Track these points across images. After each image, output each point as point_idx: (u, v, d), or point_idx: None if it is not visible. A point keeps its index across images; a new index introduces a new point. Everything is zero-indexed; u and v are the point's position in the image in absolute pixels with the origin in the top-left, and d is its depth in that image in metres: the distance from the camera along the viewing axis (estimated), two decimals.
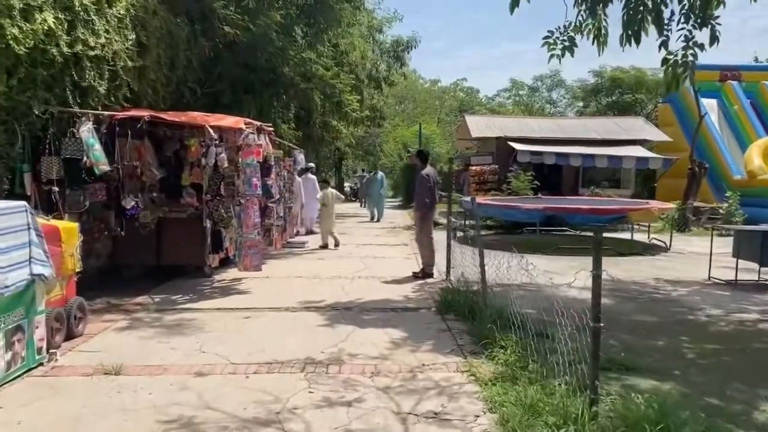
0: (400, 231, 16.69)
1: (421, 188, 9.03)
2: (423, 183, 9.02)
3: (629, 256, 12.21)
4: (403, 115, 45.44)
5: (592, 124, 23.20)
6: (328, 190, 12.82)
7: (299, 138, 17.10)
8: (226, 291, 7.92)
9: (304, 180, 16.82)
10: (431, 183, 8.98)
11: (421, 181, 9.05)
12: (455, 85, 59.59)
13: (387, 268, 9.90)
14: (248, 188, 7.73)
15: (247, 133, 7.77)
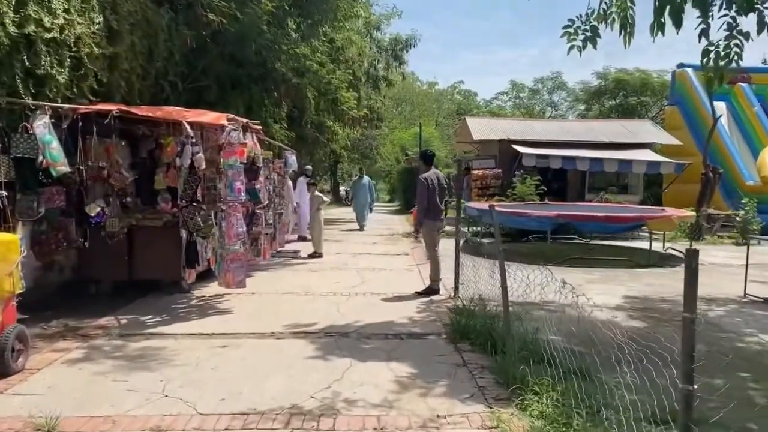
0: (399, 239, 15.73)
1: (418, 194, 8.14)
2: (419, 188, 8.11)
3: (648, 268, 11.29)
4: (401, 117, 44.51)
5: (598, 127, 22.33)
6: (314, 194, 11.99)
7: (291, 139, 16.12)
8: (205, 311, 6.94)
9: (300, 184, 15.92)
10: (429, 186, 8.04)
11: (420, 185, 8.13)
12: (452, 87, 58.94)
13: (387, 282, 8.95)
14: (231, 193, 6.77)
15: (230, 130, 6.80)
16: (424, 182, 8.05)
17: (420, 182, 8.10)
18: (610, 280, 9.78)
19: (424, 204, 8.02)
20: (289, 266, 10.57)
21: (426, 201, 8.02)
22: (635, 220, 11.38)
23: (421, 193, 8.04)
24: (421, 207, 8.05)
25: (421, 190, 8.04)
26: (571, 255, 12.00)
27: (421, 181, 8.08)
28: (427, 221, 8.11)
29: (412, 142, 30.40)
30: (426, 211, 8.04)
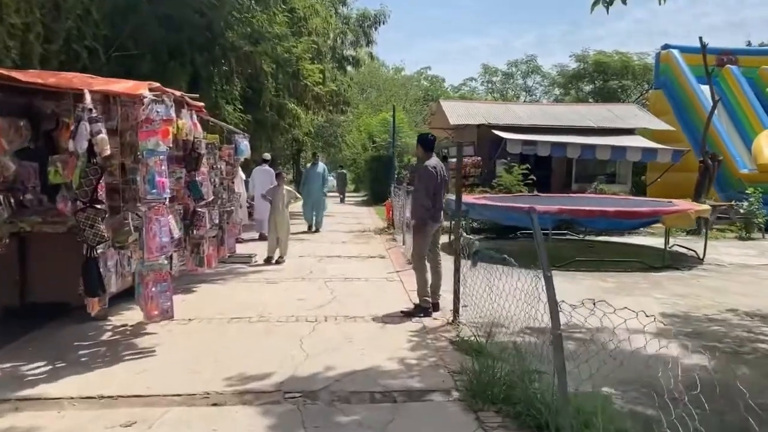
0: (372, 236, 13.95)
1: (420, 187, 6.43)
2: (424, 179, 6.41)
3: (664, 271, 9.81)
4: (366, 103, 42.55)
5: (585, 111, 20.91)
6: (282, 187, 10.11)
7: (247, 123, 14.18)
8: (118, 351, 5.07)
9: (259, 173, 13.90)
10: (438, 180, 6.36)
11: (421, 177, 6.44)
12: (419, 73, 57.15)
13: (364, 298, 7.19)
14: (151, 189, 4.91)
15: (149, 101, 4.92)
16: (431, 173, 6.35)
17: (424, 173, 6.41)
18: (630, 289, 8.23)
19: (429, 202, 6.31)
20: (241, 275, 8.70)
21: (432, 197, 6.33)
22: (650, 215, 9.86)
23: (427, 186, 6.35)
24: (422, 204, 6.34)
25: (427, 184, 6.37)
26: (575, 256, 10.43)
27: (428, 171, 6.37)
28: (430, 223, 6.40)
29: (381, 129, 28.57)
30: (430, 210, 6.35)
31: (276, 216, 9.76)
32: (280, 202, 9.82)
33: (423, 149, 6.55)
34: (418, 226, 6.42)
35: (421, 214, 6.33)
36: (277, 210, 9.80)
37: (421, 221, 6.34)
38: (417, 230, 6.42)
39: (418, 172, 6.52)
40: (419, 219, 6.37)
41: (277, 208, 9.78)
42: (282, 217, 9.81)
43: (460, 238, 5.91)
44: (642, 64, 28.19)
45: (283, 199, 9.86)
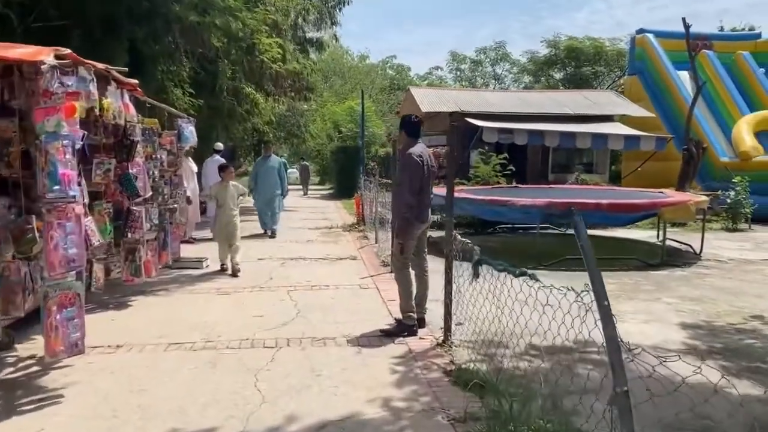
0: (340, 234, 12.83)
1: (404, 180, 5.29)
2: (408, 171, 5.29)
3: (663, 269, 8.96)
4: (331, 91, 41.18)
5: (561, 98, 20.12)
6: (229, 183, 8.42)
7: (199, 109, 12.88)
8: (11, 399, 3.88)
9: (211, 165, 12.68)
10: (425, 172, 5.31)
11: (406, 168, 5.32)
12: (384, 62, 55.95)
13: (334, 312, 6.09)
14: (52, 185, 3.72)
15: (48, 68, 3.73)
16: (417, 162, 5.22)
17: (409, 163, 5.25)
18: (634, 292, 7.33)
19: (414, 198, 5.21)
20: (187, 285, 7.50)
21: (418, 192, 5.24)
22: (648, 208, 8.99)
23: (412, 179, 5.21)
24: (407, 202, 5.22)
25: (412, 176, 5.22)
26: (563, 253, 9.51)
27: (413, 160, 5.23)
28: (416, 223, 5.34)
29: (347, 118, 27.36)
30: (415, 208, 5.26)
31: (223, 217, 8.25)
32: (230, 200, 8.24)
33: (406, 134, 5.45)
34: (401, 228, 5.30)
35: (405, 213, 5.24)
36: (225, 210, 8.18)
37: (405, 221, 5.24)
38: (400, 232, 5.32)
39: (401, 163, 5.43)
40: (403, 219, 5.25)
41: (226, 207, 8.18)
42: (231, 217, 8.26)
43: (454, 241, 4.86)
44: (615, 50, 27.58)
45: (233, 197, 8.31)
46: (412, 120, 5.51)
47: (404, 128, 5.50)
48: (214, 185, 8.59)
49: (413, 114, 5.95)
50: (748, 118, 19.03)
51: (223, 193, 8.25)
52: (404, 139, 5.46)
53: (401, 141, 5.55)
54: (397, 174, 5.59)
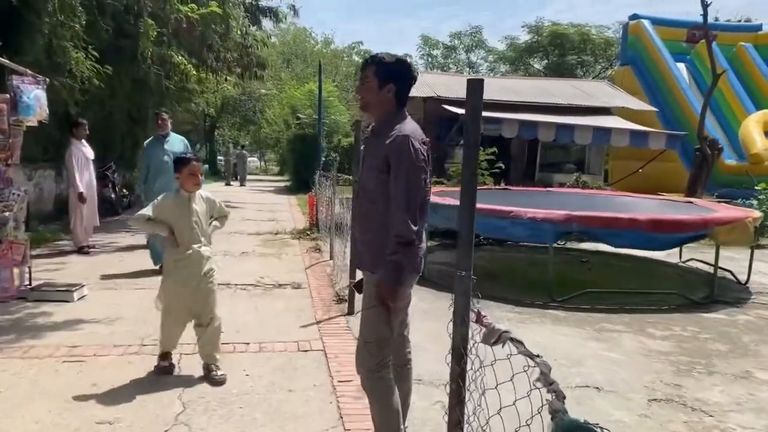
0: (287, 242, 10.26)
1: (396, 188, 2.66)
2: (403, 169, 2.64)
3: (715, 309, 6.74)
4: (292, 75, 38.33)
5: (550, 87, 17.89)
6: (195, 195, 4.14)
7: (110, 78, 10.17)
8: None
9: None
10: (428, 174, 2.76)
11: (398, 163, 2.65)
12: (350, 48, 53.24)
13: (247, 416, 3.58)
14: None
15: None
16: (417, 154, 2.66)
17: (405, 154, 2.64)
18: (708, 359, 5.03)
19: (413, 224, 2.64)
20: (27, 338, 4.88)
21: (418, 211, 2.69)
22: (697, 227, 6.71)
23: (410, 187, 2.63)
24: (400, 233, 2.64)
25: (411, 180, 2.64)
26: (581, 281, 7.23)
27: (412, 149, 2.65)
28: (413, 275, 2.80)
29: (306, 103, 24.68)
30: (414, 244, 2.71)
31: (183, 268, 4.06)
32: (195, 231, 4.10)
33: (396, 99, 2.81)
34: (389, 283, 2.68)
35: (396, 254, 2.64)
36: (186, 250, 4.03)
37: (396, 271, 2.66)
38: (386, 291, 2.70)
39: (379, 154, 2.74)
40: (393, 266, 2.66)
41: (188, 245, 4.03)
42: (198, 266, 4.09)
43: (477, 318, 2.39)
44: (603, 39, 25.52)
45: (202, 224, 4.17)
46: (401, 65, 2.81)
47: (385, 79, 2.77)
48: (162, 200, 4.06)
49: (405, 55, 3.05)
50: (757, 116, 17.17)
51: (183, 217, 4.02)
52: (383, 108, 2.83)
53: (377, 109, 2.85)
54: (361, 175, 2.96)
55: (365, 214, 2.88)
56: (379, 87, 2.79)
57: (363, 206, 2.89)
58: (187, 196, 4.05)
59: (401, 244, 2.64)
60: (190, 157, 4.08)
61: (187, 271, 4.01)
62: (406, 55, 3.95)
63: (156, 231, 4.17)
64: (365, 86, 2.82)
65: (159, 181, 7.43)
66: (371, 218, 2.83)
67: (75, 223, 8.56)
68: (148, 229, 4.37)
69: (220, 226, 4.37)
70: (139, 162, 7.74)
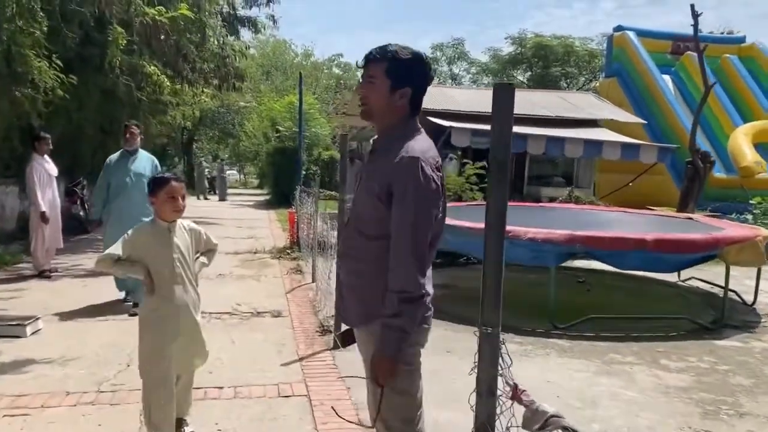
0: (267, 263, 9.69)
1: (401, 223, 2.08)
2: (412, 200, 2.06)
3: (727, 335, 6.33)
4: (271, 87, 37.75)
5: (536, 99, 17.55)
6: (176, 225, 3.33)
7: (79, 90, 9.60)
8: None
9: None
10: (443, 204, 2.23)
11: (403, 193, 2.07)
12: (330, 60, 52.89)
13: None
14: None
15: None
16: (433, 184, 2.11)
17: (416, 181, 2.06)
18: (733, 397, 4.57)
19: (422, 269, 2.10)
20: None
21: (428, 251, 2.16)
22: (708, 246, 6.30)
23: (420, 222, 2.07)
24: (405, 282, 2.06)
25: (422, 213, 2.08)
26: (581, 305, 6.78)
27: (426, 177, 2.08)
28: (424, 333, 2.24)
29: (286, 115, 24.14)
30: (423, 291, 2.10)
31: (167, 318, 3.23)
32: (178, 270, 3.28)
33: (410, 106, 2.24)
34: (387, 366, 2.09)
35: (403, 310, 2.04)
36: (166, 294, 3.22)
37: (401, 330, 2.06)
38: (383, 376, 2.11)
39: (397, 181, 2.10)
40: (393, 343, 2.06)
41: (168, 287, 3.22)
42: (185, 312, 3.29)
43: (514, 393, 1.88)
44: (587, 51, 25.37)
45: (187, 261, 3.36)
46: (421, 62, 2.22)
47: (400, 80, 2.19)
48: (135, 234, 3.25)
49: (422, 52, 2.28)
50: (746, 128, 17.01)
51: (161, 254, 3.24)
52: (392, 117, 2.24)
53: (384, 118, 2.26)
54: (355, 199, 2.37)
55: (355, 251, 2.30)
56: (390, 90, 2.19)
57: (353, 240, 2.31)
58: (165, 227, 3.24)
59: (405, 301, 2.05)
60: (169, 177, 3.27)
61: (170, 322, 3.18)
62: None
63: (129, 274, 3.36)
64: (371, 88, 2.22)
65: (115, 204, 6.43)
66: (363, 258, 2.26)
67: (36, 245, 7.92)
68: (119, 272, 3.49)
69: (208, 263, 3.53)
70: (99, 180, 6.72)
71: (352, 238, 2.33)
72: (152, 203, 3.25)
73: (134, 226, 3.34)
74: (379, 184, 2.14)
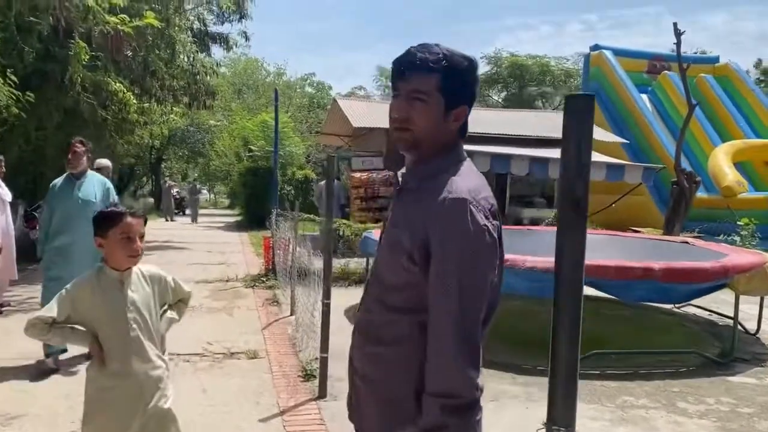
0: (240, 292, 9.07)
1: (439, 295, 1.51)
2: (458, 263, 1.49)
3: (740, 371, 5.94)
4: (243, 105, 37.14)
5: (514, 118, 17.33)
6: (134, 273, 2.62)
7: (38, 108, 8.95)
8: None
9: None
10: (500, 261, 1.64)
11: (447, 254, 1.50)
12: (303, 79, 52.52)
13: None
14: None
15: None
16: (486, 236, 1.52)
17: (464, 234, 1.49)
18: None
19: (474, 359, 1.49)
20: None
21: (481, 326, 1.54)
22: (717, 275, 5.90)
23: (469, 293, 1.49)
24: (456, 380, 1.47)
25: (472, 279, 1.50)
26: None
27: (464, 228, 1.50)
28: None
29: (258, 134, 23.58)
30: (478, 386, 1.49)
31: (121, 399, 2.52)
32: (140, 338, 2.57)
33: (460, 131, 1.72)
34: None
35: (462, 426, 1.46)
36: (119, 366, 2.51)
37: None
38: None
39: (436, 232, 1.53)
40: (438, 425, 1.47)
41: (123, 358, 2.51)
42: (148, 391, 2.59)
43: None
44: (562, 70, 25.38)
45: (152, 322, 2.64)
46: (475, 70, 1.72)
47: (457, 97, 1.65)
48: (75, 289, 2.53)
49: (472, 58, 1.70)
50: (725, 148, 16.93)
51: (112, 314, 2.52)
52: (438, 145, 1.67)
53: (430, 148, 1.66)
54: (378, 257, 1.78)
55: (375, 328, 1.71)
56: (446, 111, 1.64)
57: (373, 313, 1.73)
58: (117, 278, 2.53)
59: (451, 411, 1.46)
60: (122, 211, 2.53)
61: (126, 405, 2.50)
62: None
63: (69, 342, 2.71)
64: (421, 109, 1.62)
65: (58, 241, 5.26)
66: (386, 339, 1.66)
67: None
68: (56, 339, 2.67)
69: (179, 318, 2.83)
70: (43, 210, 5.73)
71: (371, 310, 1.74)
72: (100, 246, 2.52)
73: (84, 270, 2.72)
74: (410, 237, 1.57)
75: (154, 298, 2.65)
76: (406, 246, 1.57)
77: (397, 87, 1.65)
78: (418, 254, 1.54)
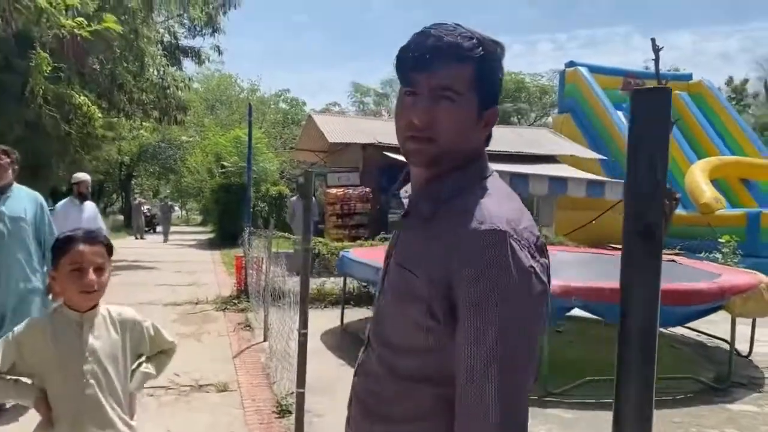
0: (209, 316, 8.59)
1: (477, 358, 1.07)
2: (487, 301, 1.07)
3: (739, 398, 5.67)
4: (216, 120, 36.60)
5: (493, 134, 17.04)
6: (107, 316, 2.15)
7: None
8: None
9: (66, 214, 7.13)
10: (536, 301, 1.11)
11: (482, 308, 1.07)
12: (277, 95, 52.16)
13: None
14: None
15: None
16: (513, 278, 1.07)
17: (491, 276, 1.07)
18: None
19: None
20: None
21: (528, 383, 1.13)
22: (714, 297, 5.65)
23: (514, 374, 1.08)
24: None
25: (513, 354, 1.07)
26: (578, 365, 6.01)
27: (502, 272, 1.07)
28: None
29: (231, 150, 23.09)
30: None
31: None
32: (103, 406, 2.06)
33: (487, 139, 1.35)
34: None
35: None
36: None
37: None
38: None
39: (463, 277, 1.09)
40: None
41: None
42: None
43: None
44: (539, 87, 25.40)
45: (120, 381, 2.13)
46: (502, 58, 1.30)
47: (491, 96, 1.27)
48: (23, 334, 2.03)
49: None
50: (701, 164, 16.94)
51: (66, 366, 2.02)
52: (464, 156, 1.27)
53: (454, 160, 1.25)
54: (379, 307, 1.33)
55: (376, 400, 1.28)
56: (479, 113, 1.26)
57: (375, 380, 1.29)
58: (75, 320, 2.04)
59: None
60: (73, 236, 2.01)
61: None
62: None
63: (9, 398, 2.18)
64: (448, 111, 1.20)
65: None
66: (393, 416, 1.24)
67: None
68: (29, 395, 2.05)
69: (156, 373, 2.27)
70: None
71: (372, 376, 1.30)
72: (52, 278, 2.05)
73: (12, 298, 2.27)
74: (428, 283, 1.15)
75: (123, 347, 2.13)
76: (422, 294, 1.16)
77: (414, 82, 1.21)
78: (440, 306, 1.14)
